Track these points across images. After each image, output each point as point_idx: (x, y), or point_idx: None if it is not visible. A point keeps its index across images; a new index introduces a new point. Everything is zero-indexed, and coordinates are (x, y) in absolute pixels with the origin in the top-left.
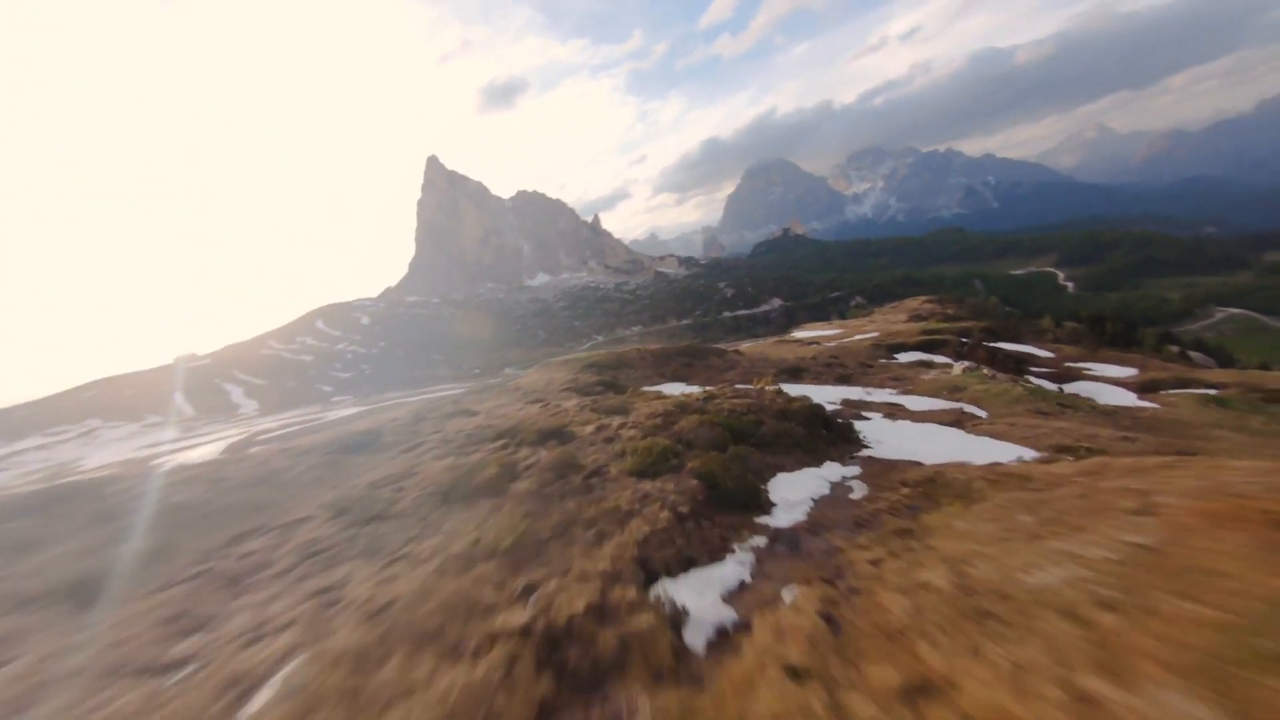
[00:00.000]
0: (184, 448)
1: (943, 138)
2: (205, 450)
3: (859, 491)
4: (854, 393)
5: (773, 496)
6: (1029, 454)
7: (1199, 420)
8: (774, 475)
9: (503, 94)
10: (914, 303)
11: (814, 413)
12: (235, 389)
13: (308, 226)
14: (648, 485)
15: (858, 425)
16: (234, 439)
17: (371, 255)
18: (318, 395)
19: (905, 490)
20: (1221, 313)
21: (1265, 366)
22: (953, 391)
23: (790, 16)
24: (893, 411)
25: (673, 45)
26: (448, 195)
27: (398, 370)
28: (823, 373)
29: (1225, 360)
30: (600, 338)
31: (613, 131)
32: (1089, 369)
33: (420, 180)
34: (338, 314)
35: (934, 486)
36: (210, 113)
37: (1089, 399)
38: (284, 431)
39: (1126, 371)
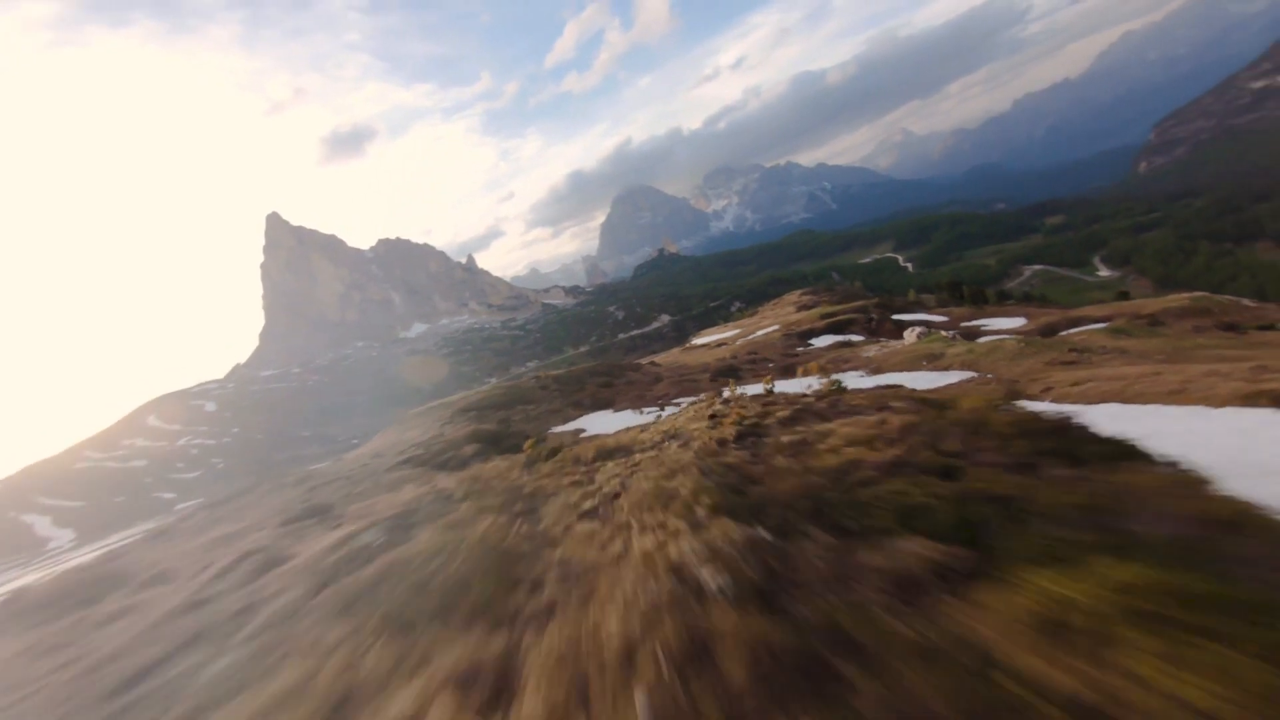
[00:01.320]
0: None
1: (781, 152)
2: None
3: None
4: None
5: None
6: None
7: (1140, 347)
8: None
9: (349, 142)
10: (792, 296)
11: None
12: (40, 519)
13: (130, 313)
14: None
15: None
16: None
17: (213, 333)
18: (157, 506)
19: None
20: (1028, 269)
21: (1073, 306)
22: (932, 360)
23: (630, 53)
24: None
25: (523, 85)
26: (296, 253)
27: (260, 456)
28: (759, 369)
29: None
30: (494, 379)
31: (476, 171)
32: (985, 324)
33: (262, 242)
34: (175, 405)
35: None
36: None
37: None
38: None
39: (1019, 321)
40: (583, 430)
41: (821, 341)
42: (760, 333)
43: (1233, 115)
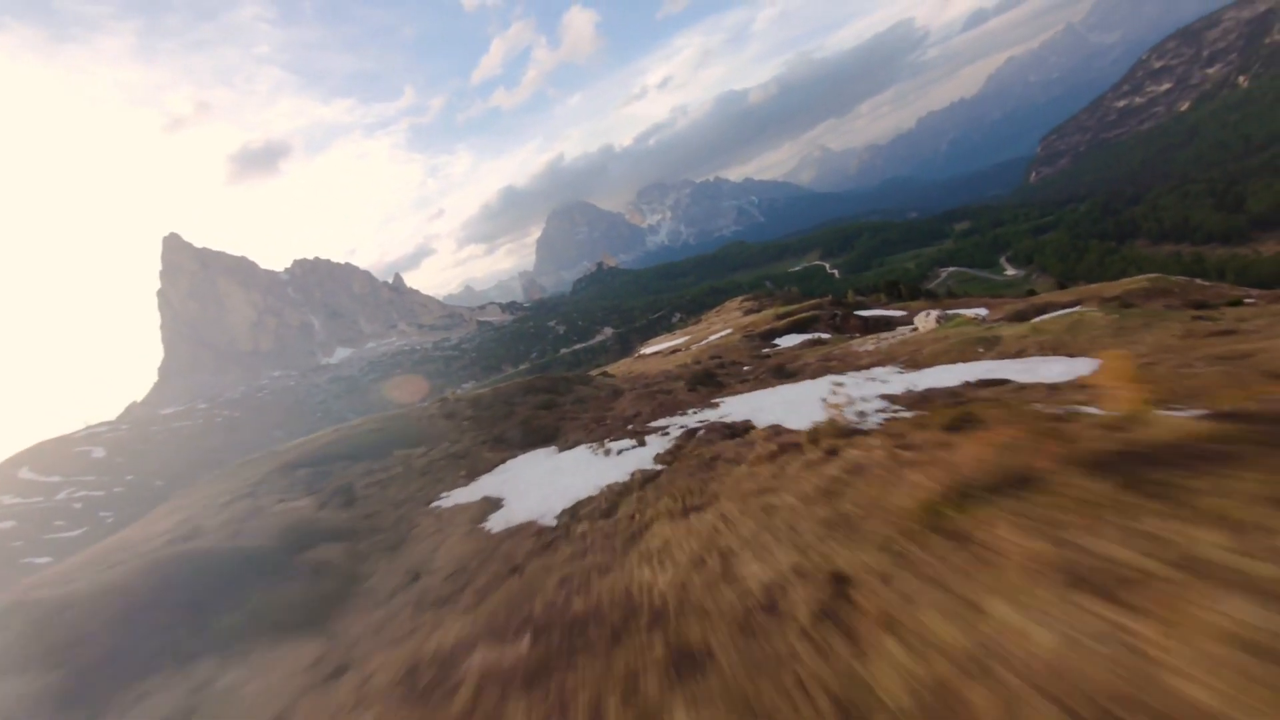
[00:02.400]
0: None
1: (711, 168)
2: None
3: None
4: (851, 382)
5: None
6: None
7: (1132, 324)
8: None
9: (261, 159)
10: (734, 303)
11: None
12: None
13: None
14: None
15: None
16: None
17: (101, 371)
18: (28, 574)
19: None
20: (944, 271)
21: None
22: (990, 345)
23: (558, 71)
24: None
25: (450, 100)
26: (200, 278)
27: (161, 504)
28: (734, 372)
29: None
30: (426, 403)
31: (403, 189)
32: (956, 313)
33: (158, 267)
34: (53, 453)
35: None
36: None
37: None
38: None
39: (982, 310)
40: (497, 504)
41: (788, 341)
42: (714, 337)
43: (1104, 130)
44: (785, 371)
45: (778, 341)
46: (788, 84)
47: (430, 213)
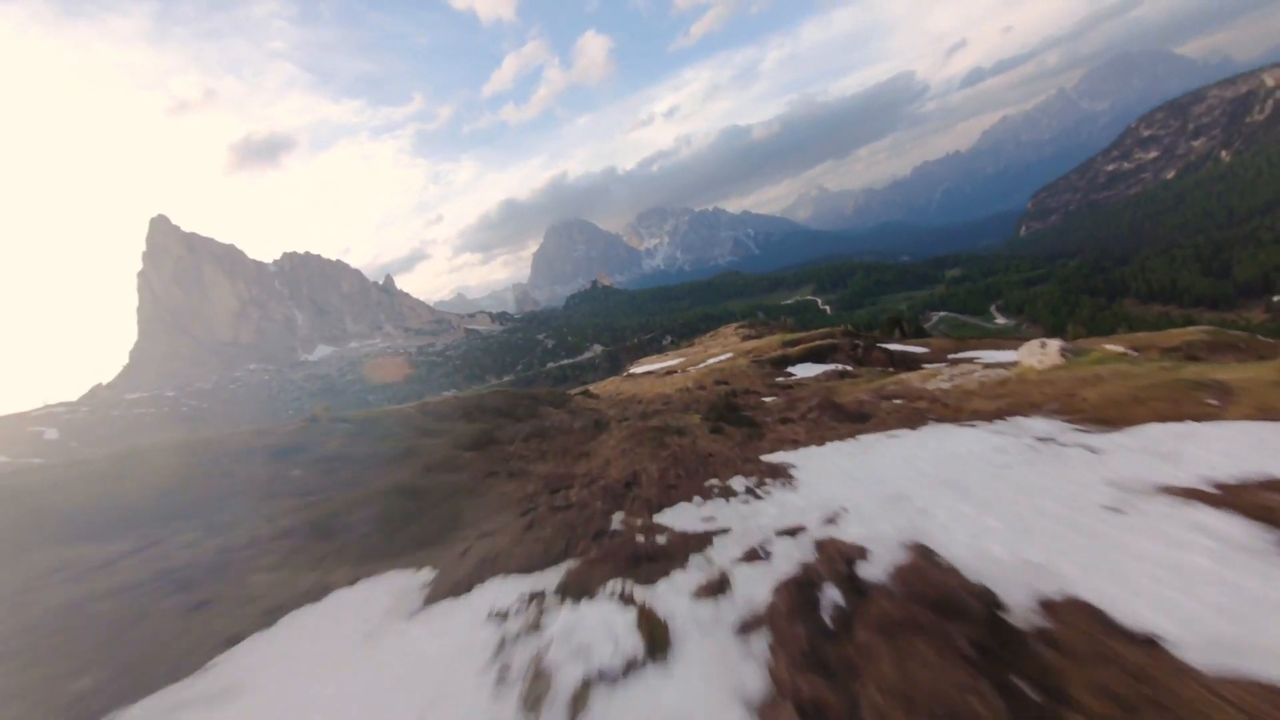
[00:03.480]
0: None
1: (710, 198)
2: None
3: None
4: (1029, 445)
5: None
6: None
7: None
8: None
9: (263, 151)
10: (729, 329)
11: None
12: None
13: None
14: None
15: None
16: None
17: (70, 351)
18: None
19: None
20: (935, 315)
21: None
22: (1221, 392)
23: (568, 92)
24: None
25: (458, 110)
26: (185, 263)
27: None
28: (766, 407)
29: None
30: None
31: (405, 193)
32: (978, 355)
33: (142, 248)
34: (4, 431)
35: None
36: None
37: None
38: None
39: (1009, 354)
40: None
41: (805, 370)
42: (713, 360)
43: (1094, 191)
44: (849, 413)
45: (793, 370)
46: (791, 123)
47: (429, 218)
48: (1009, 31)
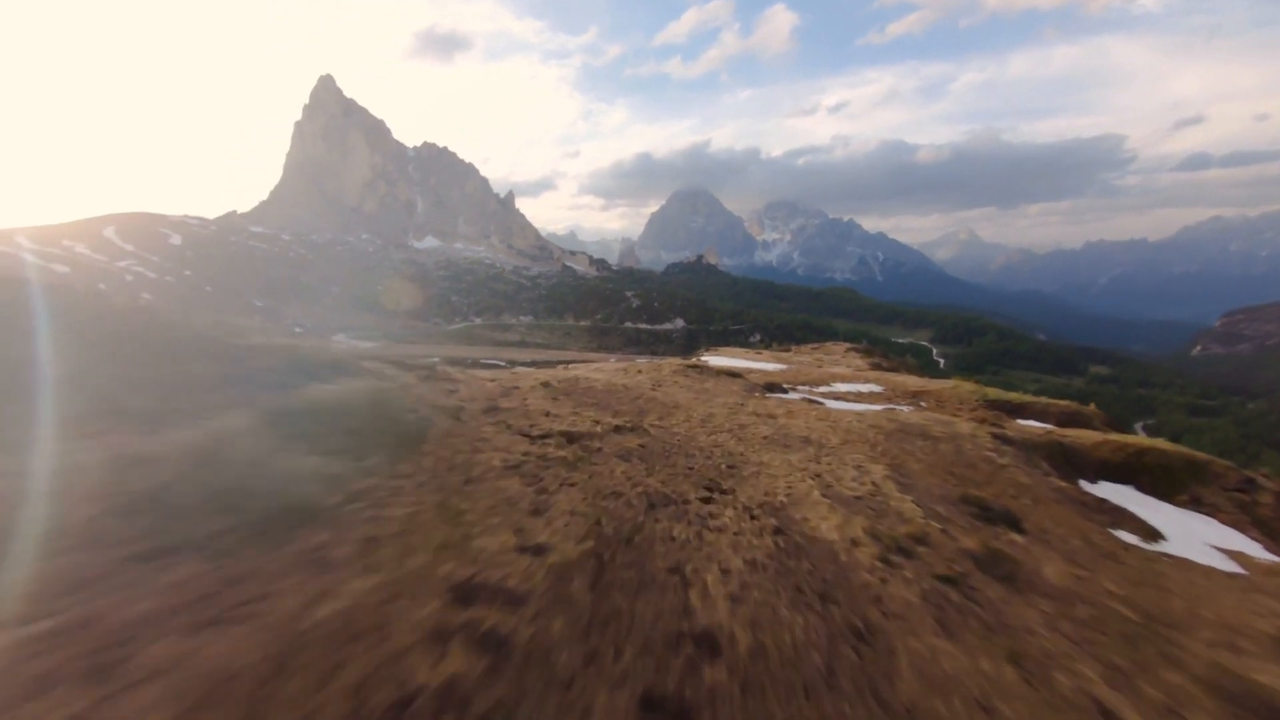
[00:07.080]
0: None
1: (848, 208)
2: None
3: None
4: None
5: None
6: None
7: None
8: None
9: (442, 46)
10: (839, 347)
11: None
12: None
13: (136, 123)
14: None
15: None
16: None
17: (220, 174)
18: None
19: None
20: None
21: None
22: None
23: (739, 58)
24: None
25: (625, 52)
26: (337, 123)
27: (192, 307)
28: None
29: None
30: (479, 320)
31: (553, 122)
32: None
33: (305, 101)
34: (138, 226)
35: None
36: None
37: None
38: None
39: None
40: None
41: (1127, 499)
42: (842, 386)
43: None
44: None
45: (1098, 491)
46: (964, 155)
47: (568, 151)
48: (1263, 120)
